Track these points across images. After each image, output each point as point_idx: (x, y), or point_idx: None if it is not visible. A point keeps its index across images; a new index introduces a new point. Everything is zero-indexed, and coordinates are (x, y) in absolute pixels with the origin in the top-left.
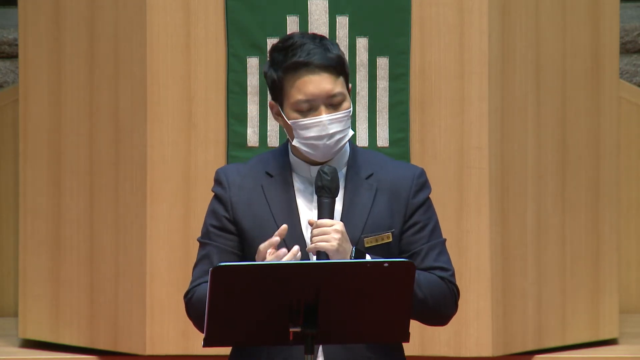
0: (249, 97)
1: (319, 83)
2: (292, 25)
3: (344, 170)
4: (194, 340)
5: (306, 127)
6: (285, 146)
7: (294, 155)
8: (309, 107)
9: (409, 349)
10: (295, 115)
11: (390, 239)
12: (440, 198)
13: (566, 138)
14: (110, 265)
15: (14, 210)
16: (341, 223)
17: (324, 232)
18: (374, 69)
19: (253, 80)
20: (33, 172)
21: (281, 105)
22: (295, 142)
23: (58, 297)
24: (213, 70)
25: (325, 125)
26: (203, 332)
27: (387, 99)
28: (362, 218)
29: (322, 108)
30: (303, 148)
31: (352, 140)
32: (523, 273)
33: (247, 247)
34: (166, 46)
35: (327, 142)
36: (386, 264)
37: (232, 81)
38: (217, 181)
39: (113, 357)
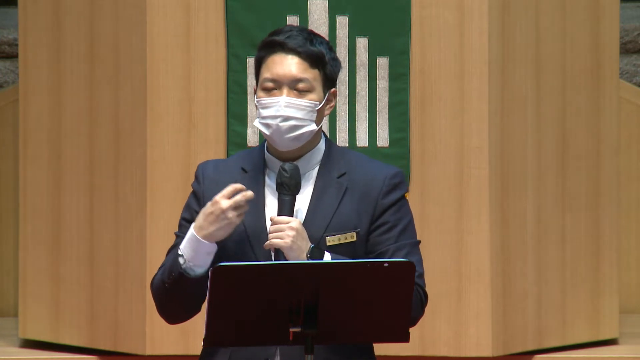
0: (249, 97)
1: (287, 65)
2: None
3: (317, 168)
4: (194, 340)
5: (265, 106)
6: (264, 143)
7: (269, 152)
8: (274, 87)
9: (409, 349)
10: (261, 94)
11: (355, 239)
12: (440, 198)
13: (566, 138)
14: (110, 265)
15: (14, 210)
16: (298, 220)
17: (279, 229)
18: (374, 69)
19: (253, 80)
20: (33, 172)
21: (257, 86)
22: (255, 122)
23: (58, 297)
24: (213, 70)
25: (281, 106)
26: (163, 317)
27: (387, 99)
28: (326, 217)
29: (285, 90)
30: (261, 128)
31: (352, 141)
32: (523, 273)
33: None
34: (166, 46)
35: (280, 124)
36: (386, 264)
37: (232, 81)
38: (195, 176)
39: (113, 357)
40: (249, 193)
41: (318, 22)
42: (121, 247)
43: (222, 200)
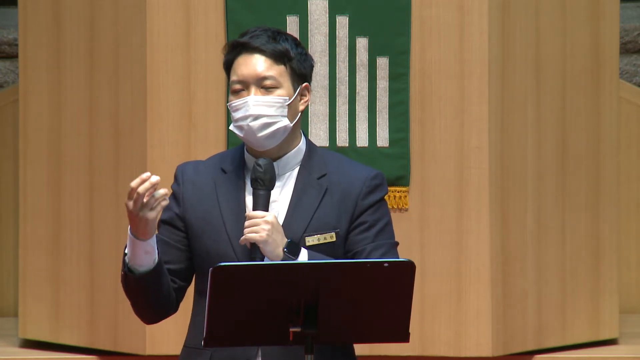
0: None
1: (252, 64)
2: (292, 25)
3: (297, 169)
4: None
5: (236, 109)
6: (243, 143)
7: (247, 151)
8: (242, 88)
9: (409, 349)
10: (231, 97)
11: (334, 239)
12: (440, 198)
13: (566, 138)
14: (110, 265)
15: (14, 210)
16: (273, 214)
17: (254, 224)
18: (374, 69)
19: None
20: (33, 172)
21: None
22: (230, 127)
23: (58, 297)
24: (213, 70)
25: (249, 106)
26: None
27: (387, 99)
28: (306, 217)
29: (253, 89)
30: (235, 131)
31: (352, 141)
32: (523, 273)
33: (194, 242)
34: (166, 46)
35: (251, 124)
36: (386, 264)
37: None
38: (175, 177)
39: (113, 357)
40: (142, 187)
41: (318, 22)
42: (121, 248)
43: (127, 202)
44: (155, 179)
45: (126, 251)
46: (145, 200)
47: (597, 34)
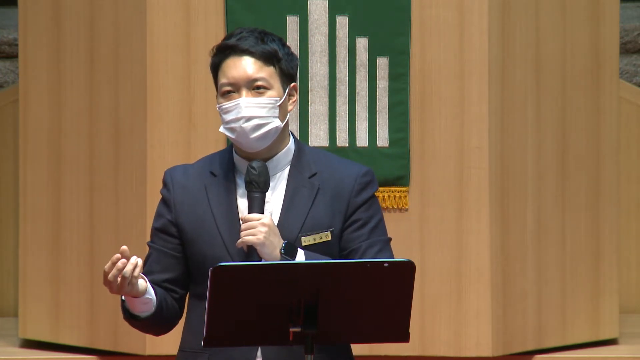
0: None
1: (242, 66)
2: (292, 25)
3: (287, 169)
4: None
5: (227, 111)
6: (231, 145)
7: (237, 154)
8: (232, 91)
9: (409, 349)
10: (221, 100)
11: (329, 238)
12: (440, 198)
13: (566, 138)
14: None
15: (14, 210)
16: (269, 216)
17: (251, 226)
18: (374, 69)
19: None
20: (33, 172)
21: (217, 93)
22: (220, 129)
23: (58, 297)
24: None
25: (241, 107)
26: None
27: (387, 99)
28: (300, 217)
29: (244, 91)
30: (226, 133)
31: (352, 141)
32: (523, 273)
33: (189, 247)
34: (166, 46)
35: (243, 125)
36: (386, 264)
37: None
38: (163, 182)
39: (113, 357)
40: (111, 275)
41: (318, 22)
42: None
43: (105, 285)
44: (122, 261)
45: (123, 298)
46: (119, 282)
47: (597, 34)
